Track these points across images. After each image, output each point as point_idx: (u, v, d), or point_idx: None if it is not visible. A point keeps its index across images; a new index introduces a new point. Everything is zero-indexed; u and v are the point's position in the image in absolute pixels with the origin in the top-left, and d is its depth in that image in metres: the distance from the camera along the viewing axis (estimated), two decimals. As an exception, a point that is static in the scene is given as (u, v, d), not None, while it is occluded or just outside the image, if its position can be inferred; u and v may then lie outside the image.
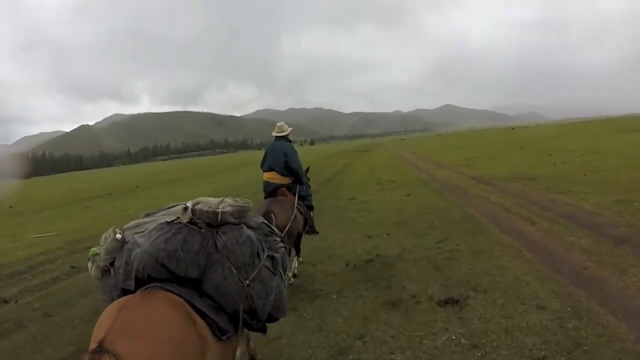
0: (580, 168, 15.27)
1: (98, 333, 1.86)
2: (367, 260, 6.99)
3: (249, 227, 2.88)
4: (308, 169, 7.17)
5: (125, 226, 2.79)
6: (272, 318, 2.87)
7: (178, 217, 2.61)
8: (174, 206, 2.96)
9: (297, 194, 6.36)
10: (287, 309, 3.09)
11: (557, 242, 6.94)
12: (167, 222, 2.61)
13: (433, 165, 25.66)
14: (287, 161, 6.29)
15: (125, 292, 2.46)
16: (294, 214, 5.79)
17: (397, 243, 7.90)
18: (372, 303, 5.22)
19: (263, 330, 2.93)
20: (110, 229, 2.69)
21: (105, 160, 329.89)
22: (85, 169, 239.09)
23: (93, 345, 1.79)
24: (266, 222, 3.22)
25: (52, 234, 13.51)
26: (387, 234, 8.65)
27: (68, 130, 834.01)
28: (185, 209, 2.57)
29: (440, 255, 6.86)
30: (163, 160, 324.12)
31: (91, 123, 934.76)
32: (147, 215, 2.99)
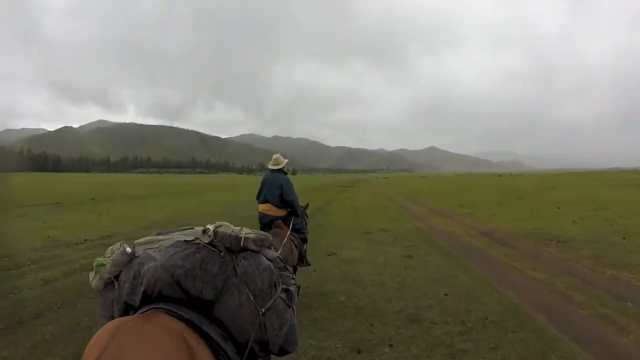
0: (607, 227, 13.62)
1: (87, 355, 1.75)
2: None
3: (266, 258, 2.65)
4: (307, 205, 7.22)
5: (136, 241, 2.54)
6: (282, 351, 2.55)
7: (197, 238, 2.41)
8: (189, 228, 2.63)
9: (291, 226, 6.10)
10: (298, 343, 2.68)
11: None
12: (185, 240, 2.40)
13: (427, 211, 22.42)
14: (282, 193, 6.30)
15: (127, 306, 2.28)
16: (290, 247, 5.58)
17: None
18: None
19: None
20: (118, 243, 2.53)
21: (84, 165, 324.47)
22: (62, 171, 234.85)
23: None
24: (280, 257, 2.92)
25: None
26: (391, 346, 4.93)
27: (51, 129, 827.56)
28: (205, 230, 2.41)
29: None
30: (141, 172, 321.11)
31: (75, 126, 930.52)
32: (160, 233, 2.65)
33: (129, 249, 2.47)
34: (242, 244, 2.45)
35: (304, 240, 6.65)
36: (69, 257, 9.91)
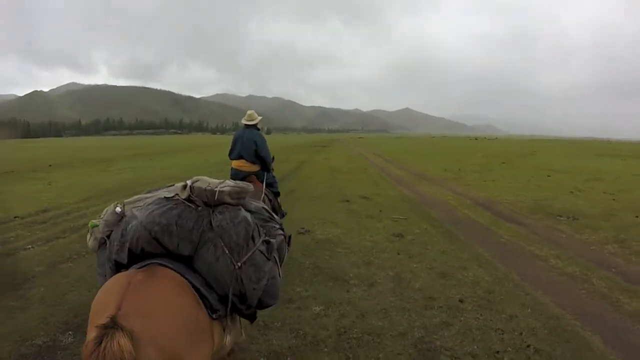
0: (610, 202, 12.26)
1: (106, 307, 1.80)
2: None
3: (248, 210, 2.71)
4: (273, 158, 6.70)
5: (126, 200, 2.66)
6: (262, 304, 2.58)
7: (177, 194, 2.50)
8: (173, 185, 2.76)
9: (264, 182, 6.12)
10: (279, 296, 2.75)
11: None
12: (165, 197, 2.51)
13: (409, 175, 20.44)
14: (257, 150, 6.26)
15: (117, 264, 2.41)
16: (265, 201, 5.23)
17: None
18: None
19: (252, 318, 2.68)
20: (112, 204, 2.61)
21: (55, 130, 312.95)
22: (33, 137, 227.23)
23: (102, 319, 1.73)
24: (266, 207, 3.02)
25: None
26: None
27: (21, 94, 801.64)
28: (185, 186, 2.49)
29: None
30: (113, 135, 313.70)
31: (46, 89, 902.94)
32: (149, 191, 2.87)
33: (118, 209, 2.56)
34: (216, 198, 2.44)
35: (277, 195, 6.58)
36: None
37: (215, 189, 2.43)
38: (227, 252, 2.34)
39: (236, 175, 6.35)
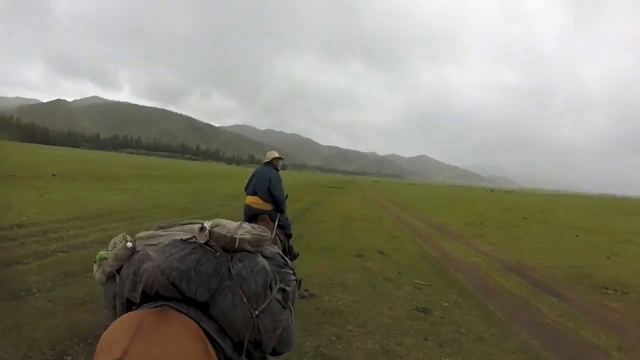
0: None
1: (113, 349, 1.71)
2: None
3: (264, 256, 2.61)
4: (287, 196, 6.65)
5: (137, 235, 2.52)
6: (276, 352, 2.49)
7: (194, 236, 2.38)
8: (190, 222, 2.66)
9: (276, 222, 5.68)
10: (293, 344, 2.61)
11: None
12: (182, 239, 2.40)
13: (429, 227, 19.01)
14: (269, 187, 6.20)
15: (129, 302, 2.29)
16: (276, 243, 5.20)
17: None
18: None
19: None
20: (121, 235, 2.50)
21: (74, 140, 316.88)
22: (50, 144, 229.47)
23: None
24: (281, 253, 2.88)
25: None
26: None
27: (44, 100, 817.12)
28: (202, 229, 2.35)
29: None
30: (129, 153, 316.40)
31: (69, 99, 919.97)
32: (161, 227, 2.67)
33: (129, 244, 2.44)
34: (237, 245, 2.36)
35: (289, 237, 6.34)
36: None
37: (236, 237, 2.33)
38: (245, 300, 2.26)
39: (248, 211, 6.34)
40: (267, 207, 6.23)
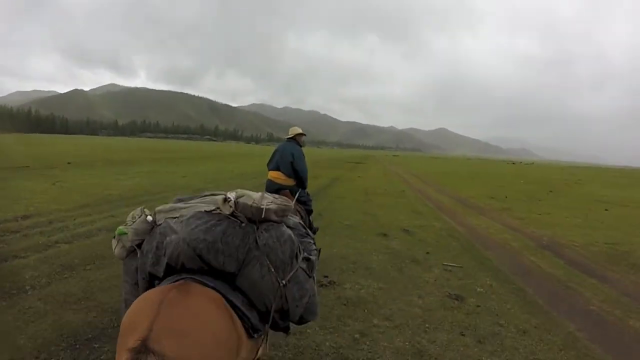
0: None
1: (138, 328, 1.68)
2: None
3: (288, 226, 2.58)
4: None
5: (157, 208, 2.51)
6: (302, 320, 2.54)
7: (218, 208, 2.35)
8: (211, 194, 2.69)
9: (296, 197, 5.43)
10: (319, 313, 2.69)
11: None
12: (205, 211, 2.36)
13: (454, 202, 18.24)
14: (292, 162, 6.18)
15: (152, 276, 2.31)
16: (296, 213, 4.81)
17: None
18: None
19: (286, 330, 2.60)
20: (139, 209, 2.48)
21: (92, 128, 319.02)
22: (70, 134, 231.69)
23: (133, 341, 1.61)
24: (302, 223, 2.99)
25: None
26: None
27: (62, 92, 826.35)
28: (226, 200, 2.32)
29: None
30: (148, 137, 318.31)
31: (86, 89, 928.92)
32: (180, 200, 2.67)
33: (149, 217, 2.43)
34: (263, 215, 2.34)
35: (309, 212, 6.10)
36: None
37: (262, 207, 2.30)
38: (272, 270, 2.25)
39: (271, 186, 6.31)
40: (290, 182, 6.25)
